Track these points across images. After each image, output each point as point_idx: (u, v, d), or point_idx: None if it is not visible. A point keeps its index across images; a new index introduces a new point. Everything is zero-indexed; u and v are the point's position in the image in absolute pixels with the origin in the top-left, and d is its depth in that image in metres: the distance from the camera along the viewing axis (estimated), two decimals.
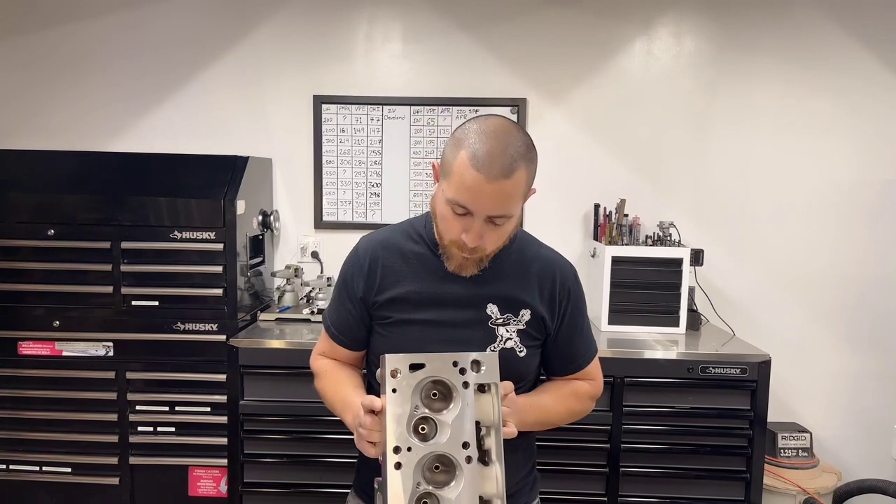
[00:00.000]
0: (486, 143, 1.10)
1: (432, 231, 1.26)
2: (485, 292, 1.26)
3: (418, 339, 1.23)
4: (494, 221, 1.14)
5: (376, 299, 1.28)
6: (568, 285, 1.31)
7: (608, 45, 2.70)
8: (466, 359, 1.04)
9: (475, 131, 1.13)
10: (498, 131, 1.12)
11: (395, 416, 1.01)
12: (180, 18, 2.72)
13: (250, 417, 2.24)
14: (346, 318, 1.32)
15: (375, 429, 1.06)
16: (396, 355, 1.02)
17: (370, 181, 2.78)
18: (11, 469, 2.34)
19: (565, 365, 1.34)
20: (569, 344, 1.32)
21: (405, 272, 1.27)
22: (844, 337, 2.75)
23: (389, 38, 2.73)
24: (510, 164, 1.10)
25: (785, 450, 2.48)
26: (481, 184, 1.09)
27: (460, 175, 1.11)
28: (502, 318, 1.25)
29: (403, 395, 1.01)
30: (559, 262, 1.32)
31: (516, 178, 1.11)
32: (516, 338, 1.25)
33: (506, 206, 1.13)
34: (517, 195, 1.14)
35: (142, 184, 2.36)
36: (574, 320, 1.31)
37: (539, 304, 1.27)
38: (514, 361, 1.25)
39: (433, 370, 1.03)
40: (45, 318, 2.30)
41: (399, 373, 1.02)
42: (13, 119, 2.78)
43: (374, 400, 1.05)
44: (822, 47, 2.66)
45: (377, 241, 1.32)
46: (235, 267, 2.30)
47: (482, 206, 1.11)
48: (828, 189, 2.71)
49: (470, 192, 1.10)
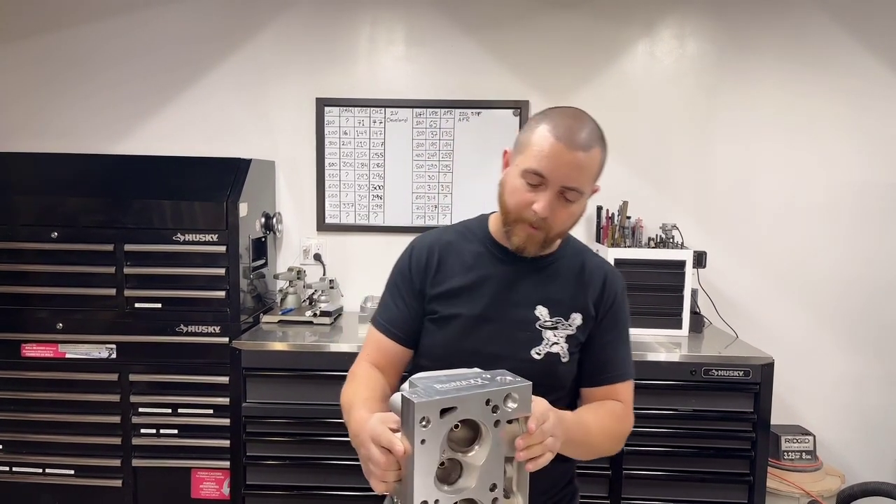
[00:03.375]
0: (567, 119, 1.16)
1: (487, 229, 1.31)
2: (536, 294, 1.25)
3: (463, 335, 1.24)
4: (566, 196, 1.16)
5: (430, 292, 1.28)
6: (615, 293, 1.29)
7: (611, 47, 2.70)
8: (500, 396, 0.94)
9: (555, 111, 1.19)
10: (577, 113, 1.19)
11: (422, 468, 0.90)
12: (184, 21, 2.73)
13: (253, 420, 2.24)
14: (398, 312, 1.30)
15: (391, 469, 0.94)
16: (426, 400, 0.88)
17: (372, 183, 2.78)
18: (15, 471, 2.34)
19: (594, 374, 1.29)
20: (602, 350, 1.28)
21: (458, 268, 1.28)
22: (848, 339, 2.74)
23: (392, 40, 2.73)
24: (588, 140, 1.15)
25: (788, 452, 2.47)
26: (561, 151, 1.12)
27: (540, 144, 1.14)
28: (551, 321, 1.24)
29: (433, 445, 0.90)
30: (611, 270, 1.32)
31: (592, 154, 1.15)
32: (563, 343, 1.24)
33: (580, 179, 1.15)
34: (591, 172, 1.17)
35: (145, 186, 2.36)
36: (612, 329, 1.28)
37: (590, 307, 1.26)
38: (557, 366, 1.24)
39: (464, 412, 0.92)
40: (49, 321, 2.30)
41: (429, 421, 0.89)
42: (17, 121, 2.79)
43: (395, 442, 0.91)
44: (825, 49, 2.66)
45: (432, 237, 1.33)
46: (238, 269, 2.30)
47: (559, 173, 1.13)
48: (831, 191, 2.70)
49: (549, 159, 1.13)
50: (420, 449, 0.90)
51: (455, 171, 2.75)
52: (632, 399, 1.31)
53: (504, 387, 0.95)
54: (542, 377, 1.17)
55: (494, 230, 1.31)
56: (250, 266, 2.45)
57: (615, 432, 1.25)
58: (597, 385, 1.28)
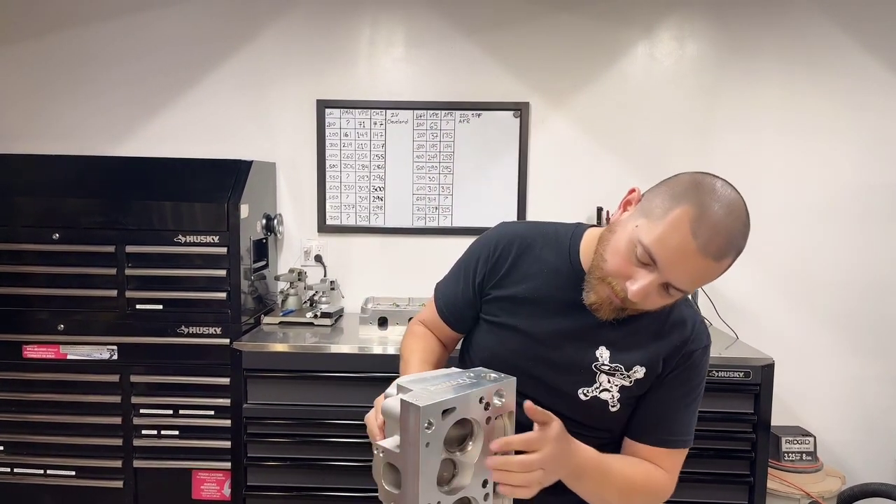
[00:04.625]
0: (717, 215, 0.96)
1: (577, 249, 1.17)
2: (604, 333, 1.13)
3: (513, 350, 1.17)
4: (669, 291, 1.01)
5: (491, 292, 1.21)
6: (693, 351, 1.15)
7: (611, 49, 2.71)
8: (490, 393, 0.95)
9: (710, 193, 0.98)
10: (734, 209, 0.98)
11: (427, 473, 0.90)
12: (184, 23, 2.73)
13: (254, 421, 2.24)
14: (456, 297, 1.27)
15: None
16: (430, 403, 0.87)
17: (373, 185, 2.78)
18: (16, 472, 2.34)
19: (643, 429, 1.16)
20: (658, 406, 1.15)
21: (530, 276, 1.17)
22: (849, 340, 2.74)
23: (392, 42, 2.74)
24: (726, 250, 0.97)
25: (789, 454, 2.47)
26: (691, 252, 0.95)
27: (671, 230, 0.96)
28: (609, 366, 1.13)
29: (435, 447, 0.90)
30: (698, 326, 1.17)
31: (722, 265, 0.99)
32: (615, 392, 1.13)
33: (693, 284, 1.01)
34: (709, 280, 1.01)
35: (146, 188, 2.36)
36: (678, 388, 1.15)
37: (659, 362, 1.14)
38: (602, 412, 1.15)
39: (462, 412, 0.92)
40: (50, 322, 2.30)
41: (432, 424, 0.89)
42: (18, 123, 2.79)
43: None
44: (825, 50, 2.66)
45: (517, 232, 1.23)
46: (239, 270, 2.30)
47: (675, 272, 0.98)
48: (831, 192, 2.71)
49: (673, 252, 0.96)
50: (424, 452, 0.88)
51: (455, 173, 2.76)
52: (678, 468, 1.16)
53: (493, 383, 0.96)
54: (588, 418, 1.15)
55: (584, 252, 1.16)
56: (251, 267, 2.46)
57: (640, 494, 1.11)
58: (644, 442, 1.15)
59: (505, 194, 2.75)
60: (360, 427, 2.30)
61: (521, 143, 2.72)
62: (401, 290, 2.69)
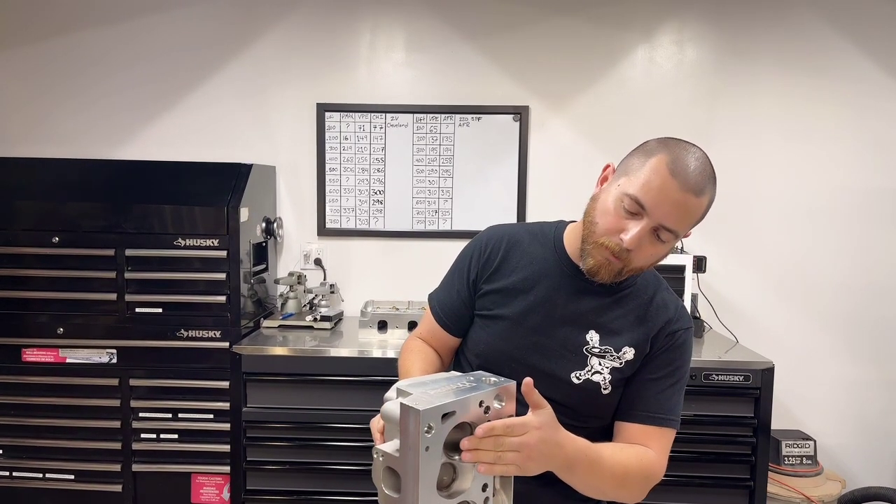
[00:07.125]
0: (688, 157, 1.08)
1: (561, 238, 1.25)
2: (592, 317, 1.20)
3: (505, 338, 1.22)
4: (659, 234, 1.09)
5: (483, 286, 1.26)
6: (675, 330, 1.20)
7: (610, 53, 2.71)
8: (491, 396, 0.96)
9: (677, 144, 1.10)
10: (700, 155, 1.10)
11: (426, 477, 0.90)
12: (185, 27, 2.74)
13: (253, 424, 2.24)
14: (451, 299, 1.31)
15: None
16: (429, 407, 0.88)
17: (373, 188, 2.78)
18: (15, 476, 2.34)
19: (632, 406, 1.19)
20: (646, 385, 1.19)
21: (520, 268, 1.24)
22: (848, 344, 2.74)
23: (392, 46, 2.74)
24: (703, 184, 1.07)
25: (789, 457, 2.47)
26: (672, 189, 1.06)
27: (651, 174, 1.07)
28: (599, 349, 1.19)
29: (435, 451, 0.90)
30: (680, 310, 1.23)
31: (702, 200, 1.08)
32: (607, 374, 1.18)
33: (681, 222, 1.08)
34: (694, 217, 1.10)
35: (146, 191, 2.37)
36: (664, 368, 1.19)
37: (646, 344, 1.19)
38: (594, 396, 1.18)
39: (462, 415, 0.93)
40: (49, 325, 2.30)
41: (431, 428, 0.89)
42: (19, 127, 2.79)
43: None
44: (824, 54, 2.67)
45: (503, 231, 1.30)
46: (239, 274, 2.30)
47: (662, 211, 1.07)
48: (831, 196, 2.71)
49: (657, 192, 1.06)
50: (424, 456, 0.88)
51: (455, 177, 2.76)
52: (667, 449, 1.19)
53: (493, 387, 0.96)
54: (580, 403, 1.17)
55: (569, 241, 1.24)
56: (251, 271, 2.46)
57: (635, 478, 1.12)
58: (631, 420, 1.19)
59: (505, 198, 2.76)
60: (360, 430, 2.31)
61: (520, 147, 2.73)
62: (400, 293, 2.69)
